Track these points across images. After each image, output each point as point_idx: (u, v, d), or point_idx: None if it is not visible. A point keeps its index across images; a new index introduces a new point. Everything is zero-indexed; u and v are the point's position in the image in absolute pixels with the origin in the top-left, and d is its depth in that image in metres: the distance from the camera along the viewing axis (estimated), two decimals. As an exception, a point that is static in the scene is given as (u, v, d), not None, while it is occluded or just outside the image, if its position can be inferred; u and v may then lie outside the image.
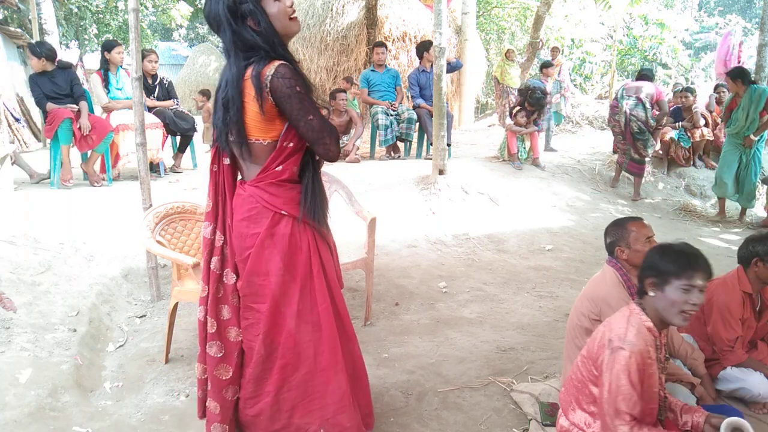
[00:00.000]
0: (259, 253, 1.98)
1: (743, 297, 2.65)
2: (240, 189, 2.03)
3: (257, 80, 1.84)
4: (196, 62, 23.70)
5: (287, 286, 1.99)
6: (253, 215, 1.98)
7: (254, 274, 1.99)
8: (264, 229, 1.96)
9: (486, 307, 3.94)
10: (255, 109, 1.87)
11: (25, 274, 3.43)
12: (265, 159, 1.96)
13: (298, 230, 2.00)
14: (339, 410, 2.04)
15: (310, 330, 2.02)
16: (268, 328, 2.00)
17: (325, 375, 2.03)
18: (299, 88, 1.86)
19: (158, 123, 5.96)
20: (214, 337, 2.06)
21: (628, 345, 1.87)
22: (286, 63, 1.88)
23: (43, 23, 10.00)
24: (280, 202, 1.97)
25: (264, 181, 1.96)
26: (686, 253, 1.90)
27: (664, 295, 1.90)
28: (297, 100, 1.86)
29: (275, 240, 1.97)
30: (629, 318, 1.96)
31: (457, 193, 5.96)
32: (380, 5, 9.99)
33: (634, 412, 1.84)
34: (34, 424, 2.33)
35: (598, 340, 2.01)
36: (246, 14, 1.86)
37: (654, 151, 8.18)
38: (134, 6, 3.52)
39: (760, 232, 2.77)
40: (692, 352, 2.56)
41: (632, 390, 1.84)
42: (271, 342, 2.01)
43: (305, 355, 2.01)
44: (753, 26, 25.01)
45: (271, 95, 1.85)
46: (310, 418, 2.03)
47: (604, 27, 16.78)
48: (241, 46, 1.88)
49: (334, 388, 2.03)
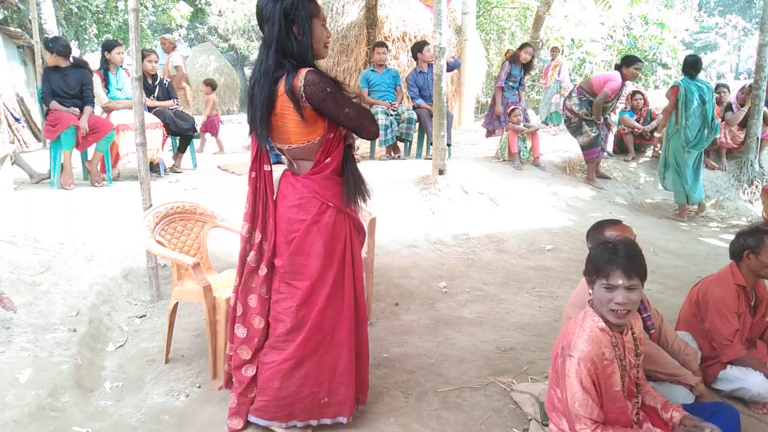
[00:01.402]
0: (304, 237, 2.22)
1: (738, 290, 2.67)
2: (292, 179, 2.29)
3: (292, 94, 2.07)
4: (196, 62, 23.71)
5: (325, 270, 2.24)
6: (303, 203, 2.23)
7: (298, 254, 2.23)
8: (311, 216, 2.22)
9: (486, 307, 3.94)
10: (297, 119, 2.12)
11: (25, 274, 3.43)
12: (315, 154, 2.21)
13: (340, 221, 2.27)
14: (342, 382, 2.30)
15: (335, 310, 2.27)
16: (301, 304, 2.23)
17: (338, 350, 2.28)
18: (329, 89, 2.09)
19: (158, 123, 5.96)
20: (240, 320, 2.34)
21: (576, 352, 1.91)
22: (311, 69, 2.10)
23: (43, 23, 10.00)
24: (329, 195, 2.24)
25: (318, 174, 2.23)
26: (607, 252, 1.93)
27: (594, 295, 1.95)
28: (331, 100, 2.10)
29: (320, 227, 2.23)
30: (583, 322, 2.00)
31: (457, 193, 5.96)
32: (380, 5, 9.99)
33: (593, 416, 1.87)
34: (34, 424, 2.33)
35: (555, 347, 2.05)
36: (295, 21, 2.08)
37: (654, 151, 8.22)
38: (134, 6, 3.51)
39: (750, 226, 2.79)
40: (685, 348, 2.56)
41: (586, 395, 1.87)
42: (302, 317, 2.24)
43: (326, 331, 2.26)
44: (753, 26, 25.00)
45: (308, 102, 2.09)
46: (319, 387, 2.28)
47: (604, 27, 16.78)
48: (280, 46, 2.09)
49: (343, 363, 2.29)
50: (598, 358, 1.90)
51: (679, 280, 4.10)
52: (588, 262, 2.00)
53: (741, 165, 7.63)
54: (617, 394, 1.94)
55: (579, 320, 2.01)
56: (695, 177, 6.65)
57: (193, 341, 3.27)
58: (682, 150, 6.56)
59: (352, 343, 2.31)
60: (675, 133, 6.58)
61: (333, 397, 2.30)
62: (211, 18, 24.05)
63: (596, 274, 1.94)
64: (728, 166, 7.75)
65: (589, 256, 2.02)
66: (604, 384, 1.92)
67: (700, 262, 4.93)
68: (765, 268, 2.61)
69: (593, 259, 1.97)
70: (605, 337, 1.94)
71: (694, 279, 2.93)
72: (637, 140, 8.12)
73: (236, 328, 2.35)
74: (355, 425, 2.43)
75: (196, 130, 6.61)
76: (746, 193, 7.49)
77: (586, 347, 1.90)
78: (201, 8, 21.48)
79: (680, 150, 6.57)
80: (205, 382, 2.80)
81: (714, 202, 7.28)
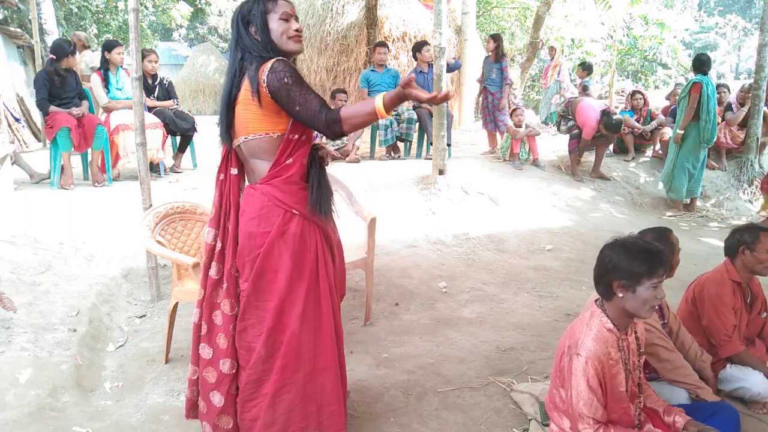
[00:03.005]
0: (269, 252, 2.01)
1: (733, 286, 2.68)
2: (251, 189, 2.09)
3: (255, 77, 1.95)
4: (196, 62, 23.68)
5: (294, 285, 2.02)
6: (264, 213, 2.02)
7: (263, 273, 2.03)
8: (275, 227, 2.01)
9: (486, 307, 3.94)
10: (256, 105, 1.97)
11: (25, 274, 3.43)
12: (273, 153, 2.02)
13: (308, 230, 2.06)
14: (333, 412, 2.08)
15: (312, 330, 2.04)
16: (271, 327, 2.01)
17: (323, 376, 2.06)
18: (287, 79, 1.93)
19: (158, 123, 5.95)
20: (204, 339, 2.14)
21: (584, 351, 1.89)
22: (281, 58, 1.99)
23: (43, 23, 9.98)
24: (292, 201, 2.03)
25: (277, 178, 2.03)
26: (653, 252, 1.91)
27: (635, 296, 1.90)
28: (285, 92, 1.94)
29: (286, 238, 2.02)
30: (589, 321, 1.98)
31: (457, 193, 5.96)
32: (380, 5, 9.98)
33: (597, 416, 1.86)
34: (34, 424, 2.33)
35: (561, 346, 2.03)
36: (251, 21, 2.03)
37: (654, 151, 8.23)
38: (134, 6, 3.52)
39: (746, 223, 2.81)
40: (701, 355, 2.57)
41: (591, 395, 1.86)
42: (273, 342, 2.02)
43: (306, 356, 2.03)
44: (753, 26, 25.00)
45: (267, 89, 1.95)
46: (307, 422, 2.05)
47: (604, 27, 16.77)
48: (240, 47, 2.04)
49: (331, 389, 2.07)
50: (605, 358, 1.89)
51: (678, 280, 4.06)
52: (630, 264, 1.89)
53: (741, 165, 7.63)
54: (621, 395, 1.94)
55: (585, 319, 1.99)
56: (701, 173, 6.82)
57: (193, 341, 3.27)
58: (698, 147, 6.65)
59: (337, 366, 2.10)
60: (693, 129, 6.62)
61: (325, 428, 2.07)
62: (211, 18, 24.04)
63: (647, 276, 1.87)
64: (728, 166, 7.75)
65: (628, 258, 1.90)
66: (610, 384, 1.91)
67: (700, 262, 4.92)
68: (760, 264, 2.63)
69: (640, 261, 1.88)
70: (612, 337, 1.94)
71: (693, 279, 2.93)
72: (637, 140, 8.12)
73: (201, 348, 2.15)
74: (355, 425, 2.43)
75: (196, 130, 6.60)
76: (746, 193, 7.49)
77: (593, 346, 1.89)
78: (201, 8, 21.48)
79: (697, 147, 6.66)
80: (205, 382, 2.80)
81: (714, 202, 7.29)
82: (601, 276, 1.96)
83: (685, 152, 6.73)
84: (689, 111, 6.61)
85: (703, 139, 6.61)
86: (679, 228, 6.41)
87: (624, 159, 8.09)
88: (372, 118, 1.95)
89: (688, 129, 6.67)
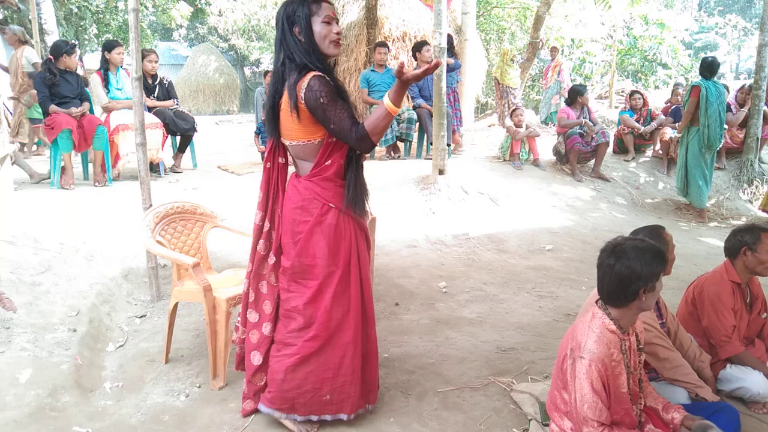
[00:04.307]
0: (308, 238, 2.29)
1: (732, 287, 2.68)
2: (295, 181, 2.35)
3: (293, 93, 2.16)
4: (196, 62, 23.72)
5: (330, 269, 2.30)
6: (305, 204, 2.29)
7: (303, 255, 2.30)
8: (314, 217, 2.28)
9: (486, 307, 3.94)
10: (295, 117, 2.19)
11: (25, 274, 3.43)
12: (315, 155, 2.27)
13: (343, 222, 2.32)
14: (347, 381, 2.34)
15: (341, 310, 2.32)
16: (309, 302, 2.31)
17: (344, 350, 2.33)
18: (323, 99, 2.13)
19: (158, 123, 5.96)
20: (252, 305, 2.46)
21: (587, 354, 1.88)
22: (318, 75, 2.17)
23: (43, 23, 9.97)
24: (330, 195, 2.29)
25: (317, 176, 2.28)
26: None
27: (654, 293, 1.92)
28: (321, 111, 2.15)
29: (323, 227, 2.29)
30: (590, 323, 1.96)
31: (457, 193, 5.96)
32: (380, 5, 9.98)
33: (601, 419, 1.86)
34: (34, 424, 2.33)
35: (562, 347, 2.02)
36: (295, 23, 2.19)
37: (654, 151, 8.23)
38: (134, 6, 3.51)
39: (746, 224, 2.80)
40: (700, 355, 2.57)
41: (596, 398, 1.85)
42: (310, 315, 2.31)
43: (333, 330, 2.32)
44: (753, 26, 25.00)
45: (305, 105, 2.16)
46: (322, 385, 2.33)
47: (604, 27, 16.75)
48: (284, 47, 2.22)
49: (348, 363, 2.33)
50: (608, 360, 1.89)
51: (679, 280, 4.10)
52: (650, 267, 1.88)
53: (741, 165, 7.63)
54: (623, 396, 1.94)
55: (587, 321, 1.98)
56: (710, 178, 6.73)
57: (193, 341, 3.27)
58: (700, 151, 6.56)
59: (359, 343, 2.35)
60: (695, 134, 6.56)
61: (335, 395, 2.34)
62: (211, 18, 24.03)
63: (651, 281, 1.88)
64: (728, 166, 7.76)
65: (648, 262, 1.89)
66: (613, 385, 1.90)
67: (701, 262, 4.93)
68: (761, 265, 2.62)
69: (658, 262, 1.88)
70: (615, 338, 1.93)
71: (693, 279, 2.93)
72: (636, 140, 8.12)
73: (249, 312, 2.46)
74: (355, 425, 2.43)
75: (196, 130, 6.60)
76: (746, 193, 7.49)
77: (596, 348, 1.89)
78: (201, 8, 21.45)
79: (699, 152, 6.58)
80: (205, 382, 2.80)
81: (714, 202, 7.29)
82: (624, 288, 1.90)
83: (691, 157, 6.67)
84: (686, 115, 6.63)
85: (704, 143, 6.53)
86: (679, 228, 6.41)
87: (624, 159, 8.09)
88: (389, 118, 2.17)
89: (690, 133, 6.63)
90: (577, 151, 7.25)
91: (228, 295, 2.76)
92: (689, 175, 6.73)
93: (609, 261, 1.93)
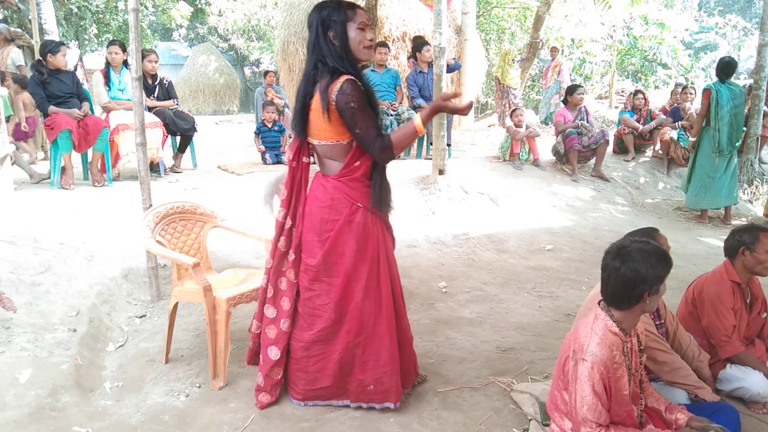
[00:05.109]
0: (337, 236, 2.37)
1: (732, 287, 2.68)
2: (322, 180, 2.43)
3: (325, 95, 2.24)
4: (196, 62, 23.72)
5: (358, 265, 2.39)
6: (334, 204, 2.37)
7: (331, 254, 2.38)
8: (343, 216, 2.37)
9: (486, 307, 3.94)
10: (325, 118, 2.27)
11: (25, 274, 3.43)
12: (345, 156, 2.36)
13: (371, 220, 2.41)
14: (387, 372, 2.43)
15: (373, 304, 2.41)
16: (339, 299, 2.40)
17: (380, 341, 2.42)
18: (353, 104, 2.23)
19: (158, 122, 5.95)
20: (270, 301, 2.53)
21: (589, 356, 1.88)
22: (351, 79, 2.26)
23: (43, 23, 9.97)
24: (358, 196, 2.38)
25: (345, 177, 2.37)
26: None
27: (657, 295, 1.93)
28: (350, 115, 2.24)
29: (352, 226, 2.38)
30: (593, 325, 1.96)
31: (457, 193, 5.96)
32: (380, 5, 9.97)
33: (600, 420, 1.86)
34: (34, 424, 2.33)
35: (564, 349, 2.02)
36: (330, 27, 2.28)
37: (654, 151, 8.23)
38: (134, 6, 3.51)
39: (746, 224, 2.80)
40: (699, 355, 2.56)
41: (596, 400, 1.85)
42: (341, 311, 2.41)
43: (367, 324, 2.41)
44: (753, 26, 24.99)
45: (336, 107, 2.25)
46: (365, 374, 2.44)
47: (604, 27, 16.76)
48: (318, 50, 2.29)
49: (385, 353, 2.42)
50: (610, 362, 1.89)
51: (679, 280, 4.09)
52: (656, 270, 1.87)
53: (741, 165, 7.62)
54: (625, 398, 1.94)
55: (589, 322, 1.98)
56: (732, 181, 6.54)
57: (193, 341, 3.27)
58: (711, 155, 6.47)
59: (393, 335, 2.44)
60: (706, 137, 6.48)
61: (378, 386, 2.44)
62: (211, 18, 24.03)
63: (655, 284, 1.88)
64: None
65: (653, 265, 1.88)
66: (614, 387, 1.90)
67: (700, 262, 4.92)
68: (760, 265, 2.62)
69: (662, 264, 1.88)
70: (617, 340, 1.93)
71: (693, 279, 2.93)
72: (636, 140, 8.12)
73: (266, 308, 2.54)
74: (355, 425, 2.43)
75: (196, 130, 6.60)
76: (746, 193, 7.49)
77: (599, 351, 1.88)
78: (201, 8, 21.47)
79: (710, 155, 6.47)
80: (205, 382, 2.80)
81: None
82: (629, 290, 1.90)
83: (700, 160, 6.57)
84: (698, 118, 6.53)
85: (714, 147, 6.40)
86: (679, 228, 6.41)
87: (624, 159, 8.10)
88: (414, 137, 2.34)
89: (702, 136, 6.52)
90: (577, 151, 7.25)
91: (228, 295, 2.76)
92: (693, 174, 6.66)
93: (614, 263, 1.92)
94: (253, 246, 4.34)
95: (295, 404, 2.55)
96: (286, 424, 2.45)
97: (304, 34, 10.46)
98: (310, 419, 2.48)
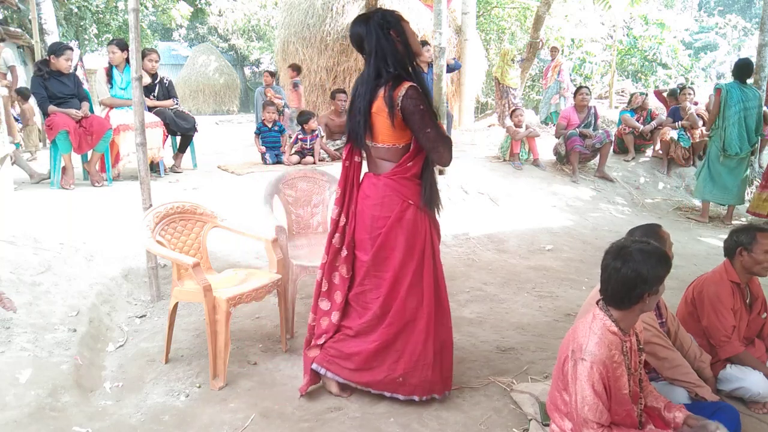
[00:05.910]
0: (388, 233, 2.46)
1: (732, 287, 2.69)
2: (374, 179, 2.51)
3: (390, 100, 2.34)
4: (196, 62, 23.73)
5: (406, 262, 2.47)
6: (385, 201, 2.46)
7: (383, 249, 2.48)
8: (394, 213, 2.45)
9: (486, 307, 3.94)
10: (387, 122, 2.38)
11: (25, 274, 3.43)
12: (399, 157, 2.47)
13: (420, 218, 2.49)
14: (418, 367, 2.49)
15: (415, 300, 2.48)
16: (387, 294, 2.48)
17: (417, 337, 2.48)
18: (422, 106, 2.35)
19: (158, 121, 5.95)
20: (324, 295, 2.63)
21: (589, 356, 1.88)
22: (414, 85, 2.36)
23: (43, 23, 9.97)
24: (409, 194, 2.47)
25: (397, 175, 2.46)
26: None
27: (657, 295, 1.93)
28: (419, 116, 2.35)
29: (402, 223, 2.46)
30: (591, 324, 1.96)
31: (457, 193, 5.97)
32: (380, 5, 9.99)
33: (601, 420, 1.86)
34: (34, 424, 2.33)
35: (563, 349, 2.02)
36: (391, 26, 2.39)
37: (654, 151, 8.23)
38: (134, 6, 3.51)
39: (744, 224, 2.81)
40: (701, 355, 2.57)
41: (597, 400, 1.85)
42: (387, 305, 2.49)
43: (408, 318, 2.49)
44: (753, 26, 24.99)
45: (402, 112, 2.35)
46: (396, 366, 2.50)
47: (604, 27, 16.76)
48: (380, 53, 2.37)
49: (420, 349, 2.48)
50: (609, 361, 1.89)
51: (678, 280, 4.10)
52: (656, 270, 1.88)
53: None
54: (624, 397, 1.94)
55: (588, 322, 1.98)
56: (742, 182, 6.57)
57: (193, 341, 3.27)
58: (718, 155, 6.49)
59: (431, 332, 2.49)
60: (714, 136, 6.52)
61: (408, 379, 2.49)
62: (211, 18, 24.04)
63: (656, 284, 1.89)
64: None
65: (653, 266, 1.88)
66: (614, 387, 1.90)
67: (700, 262, 4.92)
68: (757, 265, 2.63)
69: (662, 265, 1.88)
70: (616, 339, 1.93)
71: (693, 279, 2.93)
72: (637, 140, 8.12)
73: (320, 301, 2.64)
74: (355, 425, 2.43)
75: (196, 130, 6.59)
76: (746, 193, 7.48)
77: (598, 350, 1.88)
78: (201, 8, 21.46)
79: (717, 155, 6.51)
80: (205, 382, 2.80)
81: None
82: (629, 291, 1.90)
83: (711, 157, 6.62)
84: (711, 117, 6.58)
85: (719, 147, 6.40)
86: (679, 228, 6.41)
87: (624, 159, 8.09)
88: None
89: (714, 133, 6.55)
90: (578, 153, 7.26)
91: (228, 295, 2.76)
92: (704, 167, 6.72)
93: (615, 264, 1.92)
94: (253, 246, 4.34)
95: (313, 368, 2.62)
96: (286, 424, 2.45)
97: (304, 34, 10.47)
98: (310, 419, 2.48)
